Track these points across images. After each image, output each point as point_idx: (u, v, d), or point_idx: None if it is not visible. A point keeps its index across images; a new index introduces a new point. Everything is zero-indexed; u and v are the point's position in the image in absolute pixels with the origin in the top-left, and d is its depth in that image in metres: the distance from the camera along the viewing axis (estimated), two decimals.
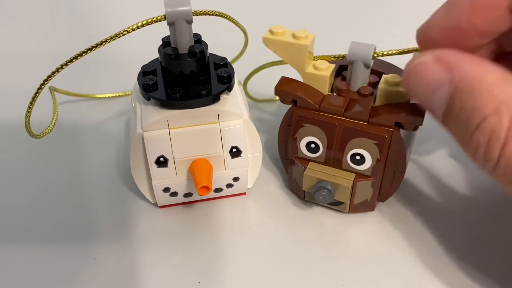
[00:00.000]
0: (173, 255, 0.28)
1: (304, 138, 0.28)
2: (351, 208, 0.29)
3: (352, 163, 0.27)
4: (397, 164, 0.27)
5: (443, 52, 0.21)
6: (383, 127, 0.26)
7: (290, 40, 0.27)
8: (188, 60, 0.26)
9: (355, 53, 0.26)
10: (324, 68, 0.27)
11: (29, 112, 0.26)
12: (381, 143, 0.26)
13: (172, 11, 0.25)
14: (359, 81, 0.27)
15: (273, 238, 0.29)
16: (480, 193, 0.31)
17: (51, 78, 0.25)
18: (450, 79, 0.20)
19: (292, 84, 0.28)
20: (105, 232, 0.29)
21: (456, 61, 0.20)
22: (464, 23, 0.21)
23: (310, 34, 0.27)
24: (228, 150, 0.28)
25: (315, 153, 0.28)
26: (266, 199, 0.31)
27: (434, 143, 0.36)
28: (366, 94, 0.27)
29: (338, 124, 0.26)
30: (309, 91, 0.27)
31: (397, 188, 0.29)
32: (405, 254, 0.27)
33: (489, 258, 0.27)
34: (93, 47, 0.24)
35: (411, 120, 0.25)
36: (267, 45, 0.27)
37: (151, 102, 0.27)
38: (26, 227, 0.30)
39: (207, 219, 0.30)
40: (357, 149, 0.26)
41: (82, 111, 0.40)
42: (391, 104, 0.26)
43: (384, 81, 0.26)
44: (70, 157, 0.35)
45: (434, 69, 0.21)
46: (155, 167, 0.27)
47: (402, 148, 0.26)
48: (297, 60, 0.27)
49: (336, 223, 0.30)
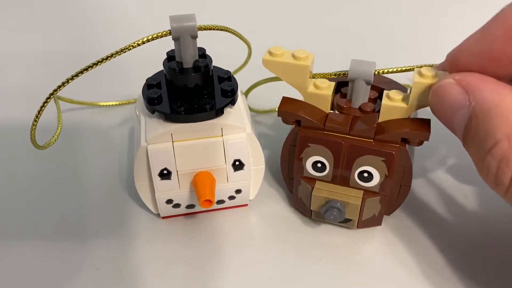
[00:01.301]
0: (175, 267, 0.28)
1: (310, 158, 0.28)
2: (359, 224, 0.29)
3: (360, 180, 0.27)
4: (404, 178, 0.28)
5: (465, 75, 0.21)
6: (389, 143, 0.26)
7: (290, 61, 0.26)
8: (193, 75, 0.26)
9: (357, 71, 0.26)
10: (325, 87, 0.27)
11: (35, 125, 0.26)
12: (389, 159, 0.26)
13: (177, 26, 0.25)
14: (360, 98, 0.27)
15: (274, 251, 0.29)
16: (487, 208, 0.32)
17: (58, 91, 0.25)
18: (469, 102, 0.21)
19: (293, 104, 0.28)
20: (107, 242, 0.29)
21: (476, 84, 0.21)
22: (497, 51, 0.21)
23: (310, 53, 0.27)
24: (231, 163, 0.28)
25: (321, 172, 0.28)
26: (268, 211, 0.32)
27: (439, 156, 0.36)
28: (368, 110, 0.27)
29: (344, 142, 0.26)
30: (312, 110, 0.27)
31: (403, 201, 0.29)
32: (409, 270, 0.28)
33: (495, 274, 0.27)
34: (99, 61, 0.25)
35: (417, 135, 0.25)
36: (266, 66, 0.27)
37: (155, 115, 0.27)
38: (26, 234, 0.30)
39: (209, 231, 0.30)
40: (364, 166, 0.27)
41: (86, 119, 0.40)
42: (396, 120, 0.26)
43: (386, 97, 0.26)
44: (72, 165, 0.35)
45: (454, 90, 0.21)
46: (159, 180, 0.28)
47: (409, 163, 0.27)
48: (298, 80, 0.27)
49: (340, 237, 0.30)
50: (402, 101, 0.26)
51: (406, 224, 0.30)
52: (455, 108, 0.21)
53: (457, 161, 0.35)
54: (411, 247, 0.29)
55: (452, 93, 0.22)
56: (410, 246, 0.29)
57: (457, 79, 0.22)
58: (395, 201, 0.29)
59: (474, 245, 0.29)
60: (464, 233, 0.30)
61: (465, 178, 0.34)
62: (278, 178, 0.34)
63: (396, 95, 0.26)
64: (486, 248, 0.29)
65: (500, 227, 0.30)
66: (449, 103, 0.22)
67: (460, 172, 0.34)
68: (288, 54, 0.27)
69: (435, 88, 0.23)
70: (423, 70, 0.24)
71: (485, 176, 0.20)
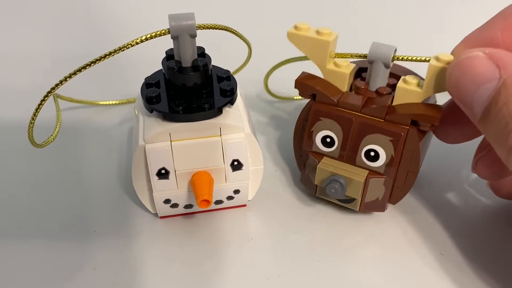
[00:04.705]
0: (173, 267, 0.28)
1: (320, 132, 0.28)
2: (361, 206, 0.29)
3: (366, 159, 0.28)
4: (411, 164, 0.28)
5: (495, 50, 0.22)
6: (399, 124, 0.26)
7: (313, 36, 0.27)
8: (191, 74, 0.26)
9: (376, 53, 0.27)
10: (344, 66, 0.28)
11: (32, 122, 0.26)
12: (397, 140, 0.26)
13: (176, 25, 0.25)
14: (378, 81, 0.28)
15: (272, 251, 0.29)
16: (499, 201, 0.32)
17: (55, 89, 0.25)
18: (499, 75, 0.21)
19: (312, 79, 0.29)
20: (105, 242, 0.29)
21: (508, 59, 0.21)
22: (495, 39, 0.24)
23: (333, 32, 0.27)
24: (230, 163, 0.28)
25: (330, 148, 0.29)
26: (266, 212, 0.31)
27: (448, 149, 0.36)
28: (384, 93, 0.28)
29: (354, 119, 0.27)
30: (329, 87, 0.28)
31: (409, 189, 0.29)
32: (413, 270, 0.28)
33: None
34: (97, 59, 0.24)
35: (427, 118, 0.26)
36: (291, 39, 0.28)
37: (153, 114, 0.27)
38: (24, 233, 0.30)
39: (207, 231, 0.30)
40: (372, 145, 0.27)
41: (85, 118, 0.40)
42: (408, 103, 0.27)
43: (402, 81, 0.27)
44: (71, 164, 0.35)
45: (484, 64, 0.21)
46: (156, 179, 0.27)
47: (417, 148, 0.27)
48: (319, 55, 0.28)
49: (338, 239, 0.29)
50: (417, 85, 0.26)
51: (408, 223, 0.30)
52: (480, 82, 0.21)
53: (467, 154, 0.35)
54: (415, 245, 0.29)
55: (480, 65, 0.21)
56: (414, 242, 0.29)
57: (487, 53, 0.22)
58: (401, 189, 0.29)
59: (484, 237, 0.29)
60: (464, 235, 0.30)
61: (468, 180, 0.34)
62: (277, 181, 0.34)
63: (412, 79, 0.26)
64: (487, 249, 0.29)
65: (502, 227, 0.30)
66: (473, 76, 0.22)
67: (463, 173, 0.34)
68: (312, 30, 0.28)
69: (460, 61, 0.23)
70: (440, 55, 0.25)
71: (507, 154, 0.20)
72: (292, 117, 0.41)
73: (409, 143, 0.27)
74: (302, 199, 0.32)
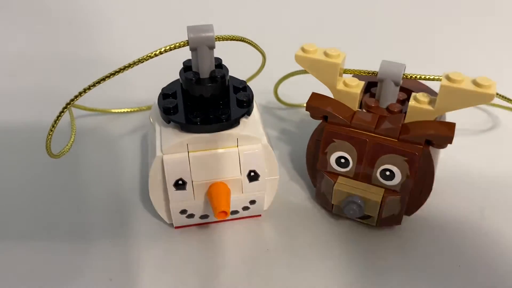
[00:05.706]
0: (189, 278, 0.27)
1: (335, 153, 0.28)
2: (378, 222, 0.29)
3: (382, 178, 0.28)
4: (425, 180, 0.28)
5: None
6: (413, 144, 0.26)
7: (322, 58, 0.27)
8: (209, 85, 0.26)
9: (386, 72, 0.27)
10: (354, 86, 0.28)
11: (51, 134, 0.26)
12: (412, 160, 0.26)
13: (195, 37, 0.25)
14: (388, 98, 0.28)
15: (288, 263, 0.29)
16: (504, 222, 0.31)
17: (75, 100, 0.25)
18: None
19: (322, 100, 0.28)
20: (120, 252, 0.29)
21: None
22: None
23: (341, 52, 0.27)
24: (246, 174, 0.28)
25: (345, 168, 0.28)
26: (281, 222, 0.31)
27: (461, 157, 0.36)
28: (395, 111, 0.27)
29: (368, 140, 0.27)
30: (340, 107, 0.28)
31: (424, 202, 0.29)
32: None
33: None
34: (116, 72, 0.25)
35: (441, 137, 0.26)
36: (298, 62, 0.28)
37: (171, 124, 0.27)
38: (34, 239, 0.30)
39: (222, 241, 0.30)
40: (387, 165, 0.27)
41: (98, 126, 0.40)
42: (421, 122, 0.26)
43: (413, 99, 0.27)
44: (84, 173, 0.35)
45: None
46: (174, 190, 0.27)
47: (432, 165, 0.27)
48: (328, 77, 0.28)
49: (354, 252, 0.29)
50: (429, 104, 0.26)
51: (424, 235, 0.30)
52: None
53: (482, 163, 0.35)
54: (428, 259, 0.29)
55: None
56: (427, 258, 0.29)
57: None
58: (417, 202, 0.29)
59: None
60: (480, 247, 0.29)
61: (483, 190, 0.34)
62: (290, 190, 0.34)
63: (423, 97, 0.26)
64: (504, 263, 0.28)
65: None
66: None
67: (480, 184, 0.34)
68: (320, 51, 0.28)
69: None
70: (451, 74, 0.25)
71: None
72: (302, 124, 0.41)
73: (424, 162, 0.27)
74: (317, 210, 0.32)
